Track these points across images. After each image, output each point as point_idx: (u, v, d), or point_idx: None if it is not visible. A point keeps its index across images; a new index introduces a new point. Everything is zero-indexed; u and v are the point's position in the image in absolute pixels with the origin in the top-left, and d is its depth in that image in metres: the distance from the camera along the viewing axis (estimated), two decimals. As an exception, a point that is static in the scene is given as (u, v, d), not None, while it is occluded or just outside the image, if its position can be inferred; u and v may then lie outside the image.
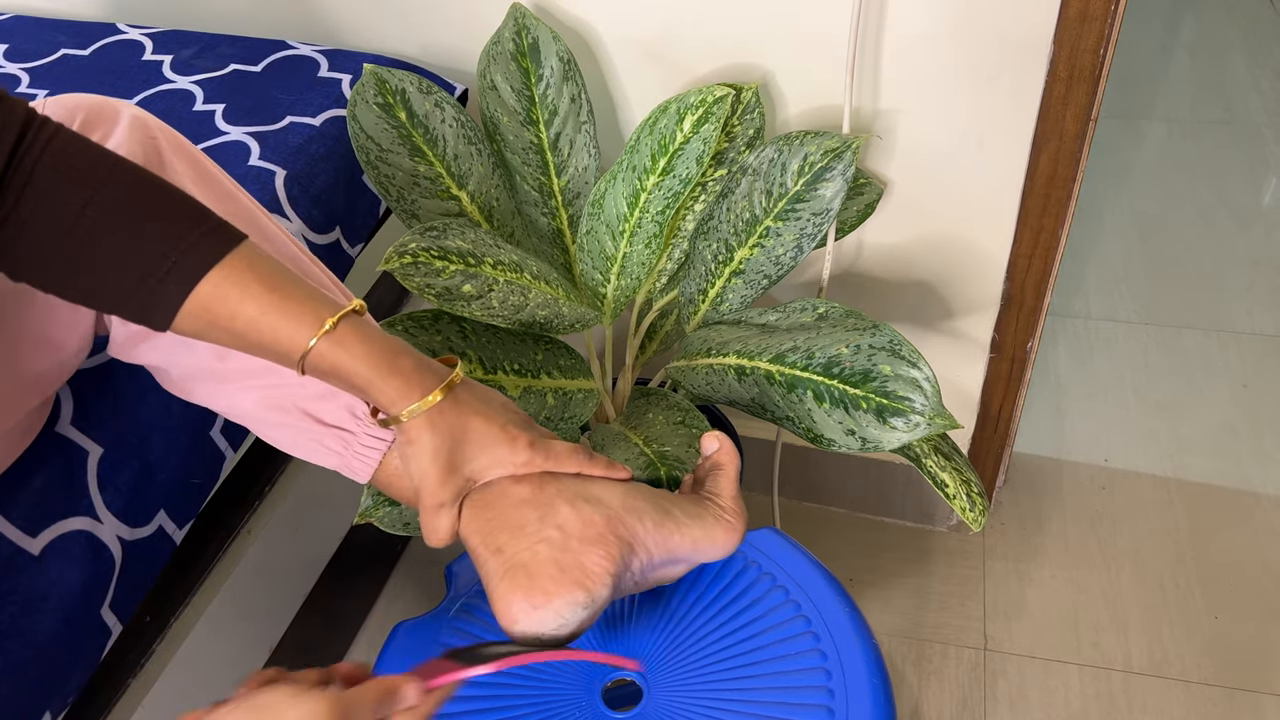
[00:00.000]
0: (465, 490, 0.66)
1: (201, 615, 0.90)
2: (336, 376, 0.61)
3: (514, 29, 1.02)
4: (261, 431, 0.75)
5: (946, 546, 1.37)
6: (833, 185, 0.89)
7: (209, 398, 0.75)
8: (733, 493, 0.73)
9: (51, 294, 0.60)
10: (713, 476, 0.74)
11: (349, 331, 0.61)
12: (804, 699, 0.69)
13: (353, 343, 0.61)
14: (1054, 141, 0.99)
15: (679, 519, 0.69)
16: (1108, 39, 0.92)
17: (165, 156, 0.71)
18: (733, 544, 0.71)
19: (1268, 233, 1.84)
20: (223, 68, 1.10)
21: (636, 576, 0.68)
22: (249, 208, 0.75)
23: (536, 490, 0.66)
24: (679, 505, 0.70)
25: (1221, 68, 2.28)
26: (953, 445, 0.89)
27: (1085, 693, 1.20)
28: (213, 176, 0.74)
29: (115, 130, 0.70)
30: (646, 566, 0.68)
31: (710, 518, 0.71)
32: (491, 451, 0.65)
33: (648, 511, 0.68)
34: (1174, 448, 1.47)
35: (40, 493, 0.73)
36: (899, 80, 1.00)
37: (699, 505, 0.71)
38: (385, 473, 0.72)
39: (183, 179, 0.71)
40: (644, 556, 0.67)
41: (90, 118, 0.70)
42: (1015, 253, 1.09)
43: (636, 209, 0.93)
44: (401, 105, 0.96)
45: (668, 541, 0.68)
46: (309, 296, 0.61)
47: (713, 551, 0.71)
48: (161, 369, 0.75)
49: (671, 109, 0.93)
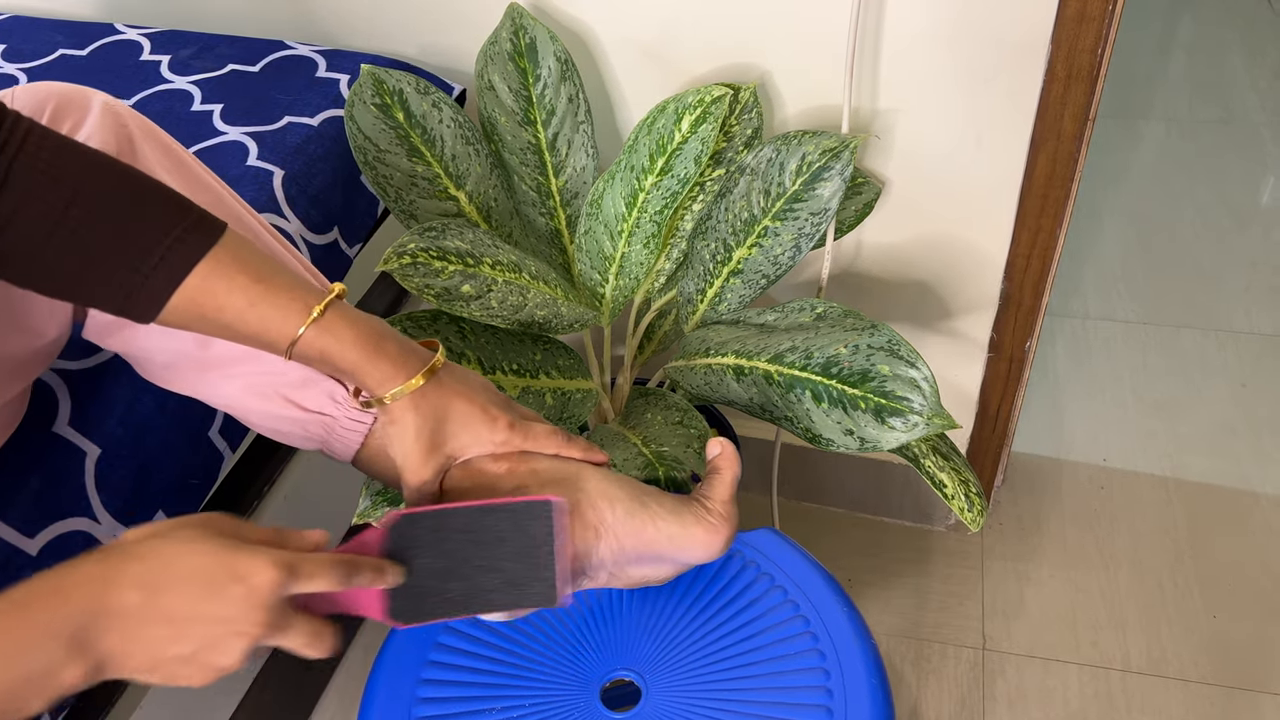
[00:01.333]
0: (446, 468, 0.68)
1: (200, 616, 0.90)
2: (323, 361, 0.63)
3: (511, 29, 1.01)
4: (244, 418, 0.76)
5: (945, 546, 1.37)
6: (831, 185, 0.89)
7: (191, 387, 0.75)
8: (724, 496, 0.72)
9: (34, 291, 0.60)
10: (709, 479, 0.74)
11: (335, 317, 0.62)
12: (803, 699, 0.69)
13: (340, 328, 0.62)
14: (1052, 141, 0.99)
15: (654, 511, 0.68)
16: (1105, 39, 0.92)
17: (137, 144, 0.71)
18: (715, 546, 0.70)
19: (1266, 232, 1.84)
20: (221, 68, 1.10)
21: (609, 566, 0.68)
22: (222, 196, 0.76)
23: (512, 469, 0.68)
24: (658, 499, 0.70)
25: (1219, 67, 2.28)
26: (951, 445, 0.89)
27: (1084, 692, 1.20)
28: (185, 164, 0.75)
29: (86, 119, 0.70)
30: (620, 557, 0.68)
31: (690, 516, 0.70)
32: (472, 431, 0.67)
33: (621, 499, 0.68)
34: (1172, 447, 1.47)
35: (38, 493, 0.73)
36: (897, 80, 1.00)
37: (681, 503, 0.71)
38: (367, 453, 0.74)
39: (154, 167, 0.72)
40: (613, 543, 0.67)
41: (61, 106, 0.70)
42: (1013, 252, 1.09)
43: (635, 209, 0.93)
44: (399, 105, 0.96)
45: (641, 532, 0.68)
46: (294, 285, 0.62)
47: (695, 551, 0.70)
48: (142, 358, 0.76)
49: (669, 109, 0.93)
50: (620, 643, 0.74)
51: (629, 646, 0.74)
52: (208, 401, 0.76)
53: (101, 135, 0.69)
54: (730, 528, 0.71)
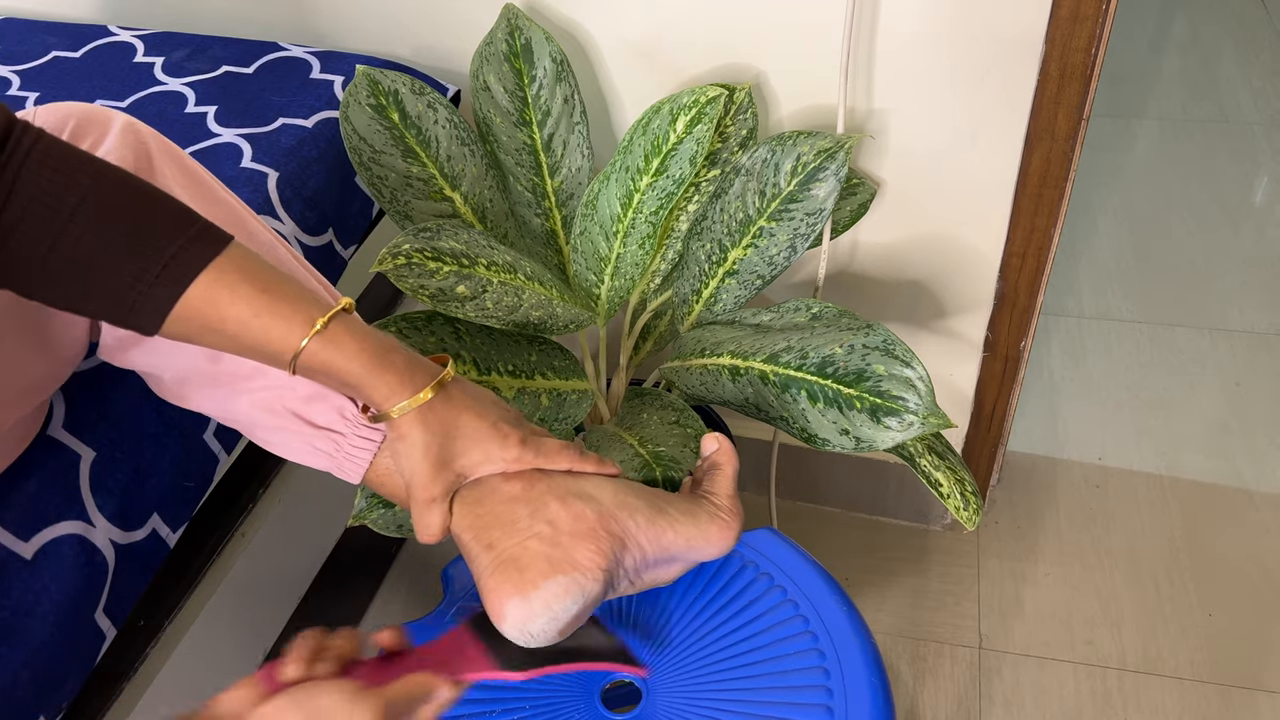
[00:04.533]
0: (456, 486, 0.66)
1: (196, 619, 0.90)
2: (328, 375, 0.61)
3: (507, 30, 1.01)
4: (253, 434, 0.75)
5: (941, 545, 1.37)
6: (826, 185, 0.89)
7: (203, 403, 0.74)
8: (729, 491, 0.73)
9: (37, 300, 0.59)
10: (710, 476, 0.74)
11: (340, 330, 0.61)
12: (803, 698, 0.69)
13: (344, 341, 0.61)
14: (1046, 140, 0.99)
15: (672, 516, 0.69)
16: (1099, 37, 0.93)
17: (156, 162, 0.71)
18: (728, 542, 0.71)
19: (1260, 230, 1.84)
20: (214, 69, 1.09)
21: (630, 575, 0.68)
22: (238, 212, 0.75)
23: (527, 487, 0.66)
24: (673, 503, 0.70)
25: (1213, 66, 2.29)
26: (947, 444, 0.89)
27: (1080, 690, 1.21)
28: (203, 182, 0.74)
29: (107, 137, 0.69)
30: (641, 564, 0.68)
31: (704, 515, 0.71)
32: (483, 447, 0.65)
33: (640, 508, 0.68)
34: (1167, 445, 1.47)
35: (33, 496, 0.73)
36: (892, 80, 1.00)
37: (693, 503, 0.71)
38: (376, 472, 0.72)
39: (172, 185, 0.71)
40: (636, 553, 0.67)
41: (82, 125, 0.69)
42: (1008, 251, 1.09)
43: (630, 209, 0.93)
44: (394, 106, 0.96)
45: (661, 538, 0.68)
46: (299, 296, 0.61)
47: (708, 550, 0.71)
48: (154, 374, 0.75)
49: (664, 109, 0.93)
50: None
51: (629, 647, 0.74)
52: (219, 418, 0.75)
53: (120, 153, 0.69)
54: (739, 522, 0.72)
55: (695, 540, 0.70)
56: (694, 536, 0.70)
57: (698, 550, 0.70)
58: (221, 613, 0.93)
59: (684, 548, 0.70)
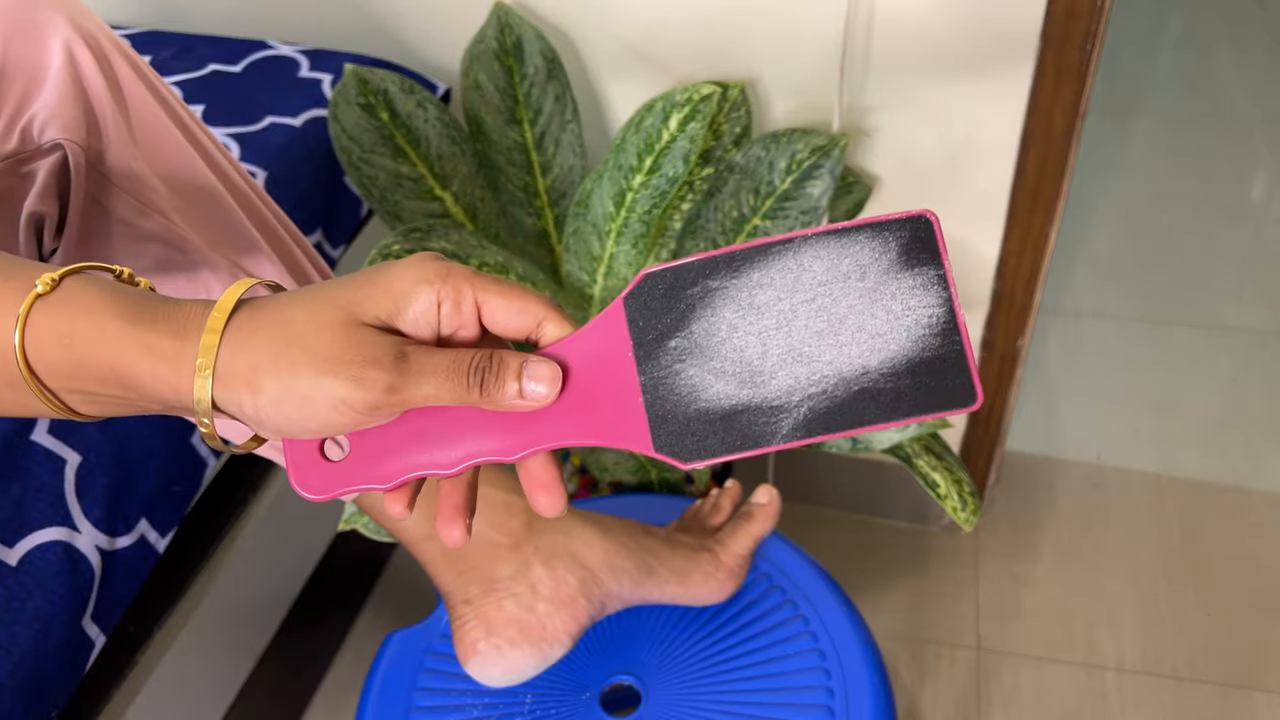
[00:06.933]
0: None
1: (186, 624, 0.89)
2: (73, 350, 0.40)
3: (497, 28, 1.00)
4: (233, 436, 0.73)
5: (939, 546, 1.36)
6: (821, 183, 0.88)
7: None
8: (744, 552, 0.74)
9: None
10: (736, 525, 0.75)
11: (80, 286, 0.41)
12: (804, 699, 0.69)
13: (87, 296, 0.41)
14: (1042, 138, 0.99)
15: (662, 577, 0.70)
16: (1095, 35, 0.92)
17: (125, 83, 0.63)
18: (718, 600, 0.73)
19: (1257, 228, 1.84)
20: (201, 68, 1.08)
21: (610, 613, 0.71)
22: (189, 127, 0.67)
23: (514, 547, 0.67)
24: (665, 562, 0.71)
25: (1209, 63, 2.29)
26: (944, 445, 0.88)
27: (1079, 691, 1.20)
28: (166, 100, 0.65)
29: (43, 89, 0.60)
30: (624, 608, 0.72)
31: (698, 575, 0.72)
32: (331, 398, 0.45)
33: (628, 570, 0.69)
34: (1165, 444, 1.47)
35: (17, 502, 0.72)
36: (886, 78, 0.99)
37: (689, 560, 0.72)
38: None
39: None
40: (616, 605, 0.70)
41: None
42: (1005, 250, 1.09)
43: (623, 208, 0.92)
44: (384, 105, 0.95)
45: (646, 597, 0.71)
46: (20, 266, 0.42)
47: (696, 603, 0.74)
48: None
49: (657, 107, 0.92)
50: (619, 647, 0.74)
51: (628, 650, 0.73)
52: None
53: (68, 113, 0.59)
54: (737, 584, 0.73)
55: (681, 600, 0.72)
56: (680, 597, 0.72)
57: (682, 601, 0.73)
58: (211, 618, 0.92)
59: (671, 602, 0.72)
